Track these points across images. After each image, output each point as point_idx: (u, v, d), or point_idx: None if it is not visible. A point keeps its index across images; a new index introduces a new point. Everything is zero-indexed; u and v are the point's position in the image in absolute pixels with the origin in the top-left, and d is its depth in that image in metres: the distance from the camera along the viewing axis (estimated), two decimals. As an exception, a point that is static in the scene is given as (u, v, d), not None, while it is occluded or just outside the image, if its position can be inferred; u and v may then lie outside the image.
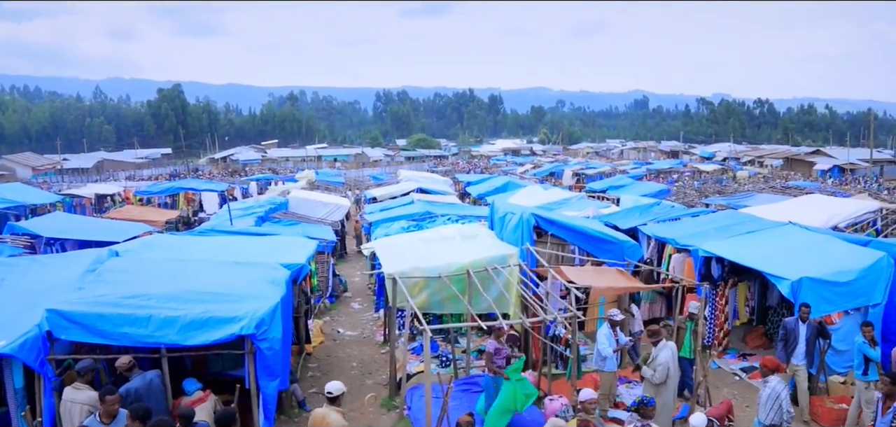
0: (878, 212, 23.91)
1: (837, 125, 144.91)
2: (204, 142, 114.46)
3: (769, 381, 9.13)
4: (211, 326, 8.87)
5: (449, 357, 13.70)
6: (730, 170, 69.20)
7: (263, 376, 9.24)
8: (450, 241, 14.61)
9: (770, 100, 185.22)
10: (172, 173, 71.15)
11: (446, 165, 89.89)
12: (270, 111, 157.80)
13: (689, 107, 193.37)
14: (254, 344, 9.03)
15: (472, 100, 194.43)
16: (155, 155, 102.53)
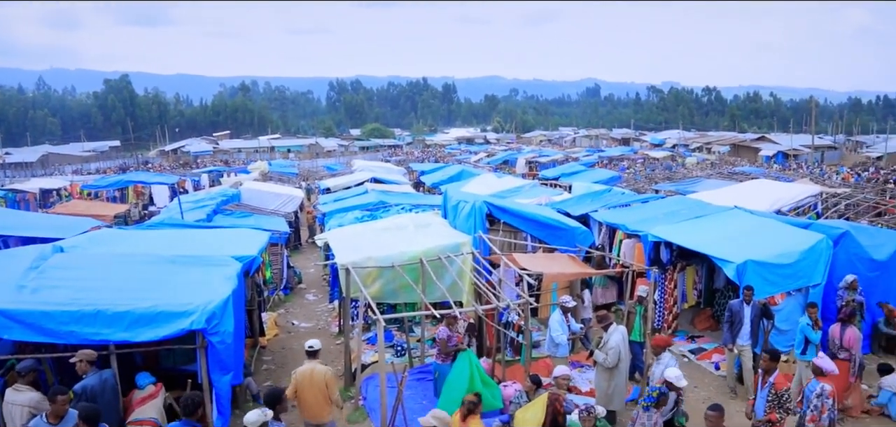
0: (818, 196, 24.72)
1: (781, 112, 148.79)
2: (154, 134, 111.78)
3: (662, 359, 9.29)
4: (160, 321, 8.71)
5: (404, 346, 13.78)
6: (679, 156, 70.63)
7: (216, 371, 9.15)
8: (403, 231, 14.63)
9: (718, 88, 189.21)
10: (121, 166, 69.32)
11: (401, 155, 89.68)
12: (222, 101, 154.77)
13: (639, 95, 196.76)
14: (205, 338, 8.92)
15: (427, 89, 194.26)
16: (103, 147, 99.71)
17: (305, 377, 9.01)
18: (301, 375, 9.05)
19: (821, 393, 8.56)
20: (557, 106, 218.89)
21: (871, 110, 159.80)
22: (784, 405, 8.35)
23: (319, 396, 9.04)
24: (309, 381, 9.00)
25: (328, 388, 9.05)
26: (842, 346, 11.16)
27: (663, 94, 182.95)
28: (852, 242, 13.44)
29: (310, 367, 9.09)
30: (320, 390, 9.01)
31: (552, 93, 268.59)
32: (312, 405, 9.09)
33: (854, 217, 23.04)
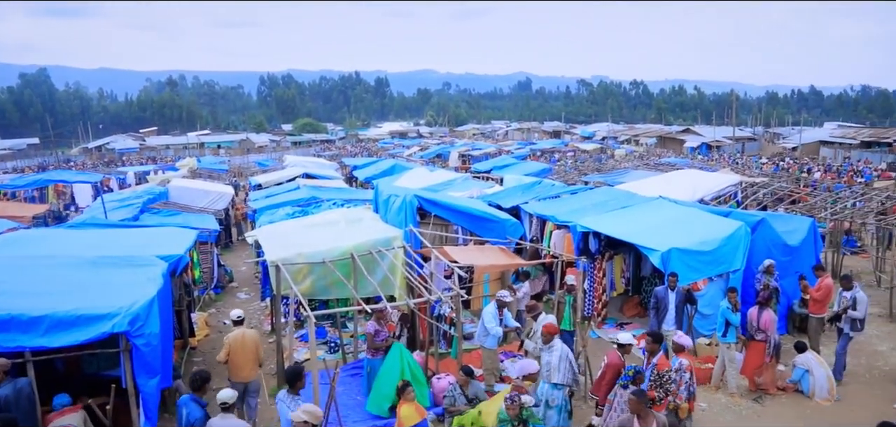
0: (738, 185, 25.72)
1: (705, 105, 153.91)
2: (75, 130, 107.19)
3: (554, 346, 9.53)
4: (81, 325, 8.39)
5: (337, 342, 13.71)
6: (608, 148, 72.19)
7: (141, 374, 8.87)
8: (334, 226, 14.53)
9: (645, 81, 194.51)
10: (40, 165, 66.21)
11: (334, 150, 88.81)
12: (148, 97, 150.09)
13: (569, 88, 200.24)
14: (129, 341, 8.64)
15: (359, 83, 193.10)
16: (20, 145, 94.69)
17: (237, 341, 10.06)
18: (233, 339, 10.07)
19: (679, 368, 9.13)
20: (490, 100, 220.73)
21: (787, 103, 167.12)
22: (664, 385, 8.81)
23: (250, 357, 10.10)
24: (241, 344, 10.06)
25: (257, 350, 10.19)
26: (759, 327, 11.70)
27: (593, 88, 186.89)
28: (768, 229, 14.10)
29: (240, 332, 10.21)
30: (251, 352, 10.11)
31: (484, 86, 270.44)
32: (243, 366, 10.05)
33: (772, 205, 24.07)
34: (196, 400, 8.22)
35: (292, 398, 8.33)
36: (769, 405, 11.56)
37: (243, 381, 10.05)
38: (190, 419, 8.00)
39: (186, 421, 8.05)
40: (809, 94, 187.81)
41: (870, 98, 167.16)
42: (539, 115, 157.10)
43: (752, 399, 11.68)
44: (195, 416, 8.03)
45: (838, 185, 31.78)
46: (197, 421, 8.00)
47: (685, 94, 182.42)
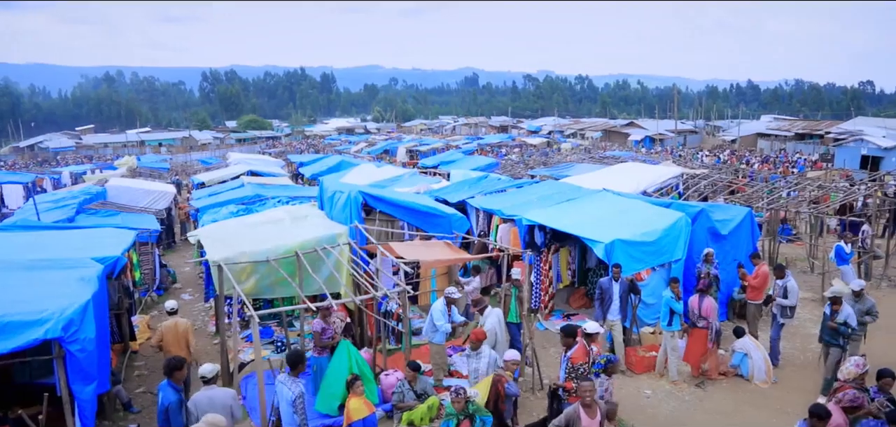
0: (680, 176, 26.31)
1: (648, 99, 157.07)
2: (5, 128, 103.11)
3: (482, 353, 9.51)
4: (10, 333, 7.98)
5: (284, 342, 13.51)
6: (555, 142, 73.08)
7: (77, 381, 8.54)
8: (279, 224, 14.30)
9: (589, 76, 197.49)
10: (-34, 165, 63.51)
11: (279, 147, 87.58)
12: (84, 93, 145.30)
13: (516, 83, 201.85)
14: (63, 347, 8.33)
15: (305, 79, 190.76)
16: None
17: (170, 329, 11.12)
18: (166, 328, 11.13)
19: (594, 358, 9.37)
20: (437, 95, 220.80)
21: (726, 97, 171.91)
22: (581, 376, 8.91)
23: (181, 343, 11.06)
24: (173, 332, 11.09)
25: (187, 337, 11.17)
26: (700, 315, 11.98)
27: (539, 83, 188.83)
28: (707, 219, 14.47)
29: (173, 321, 11.28)
30: (183, 338, 11.12)
31: (432, 82, 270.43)
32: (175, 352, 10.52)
33: (712, 196, 24.72)
34: (171, 385, 8.31)
35: (293, 380, 8.54)
36: (711, 390, 11.84)
37: None
38: (163, 403, 8.17)
39: (160, 404, 8.23)
40: (747, 89, 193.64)
41: (803, 92, 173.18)
42: (486, 110, 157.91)
43: (695, 384, 11.95)
44: (170, 400, 8.18)
45: (774, 176, 32.85)
46: (171, 404, 8.17)
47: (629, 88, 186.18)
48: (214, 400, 8.31)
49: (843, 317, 11.04)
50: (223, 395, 8.52)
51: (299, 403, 8.34)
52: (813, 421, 7.24)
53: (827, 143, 57.34)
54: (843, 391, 8.19)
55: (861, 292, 11.63)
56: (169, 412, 8.17)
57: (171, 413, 8.17)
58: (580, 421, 7.64)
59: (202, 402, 8.23)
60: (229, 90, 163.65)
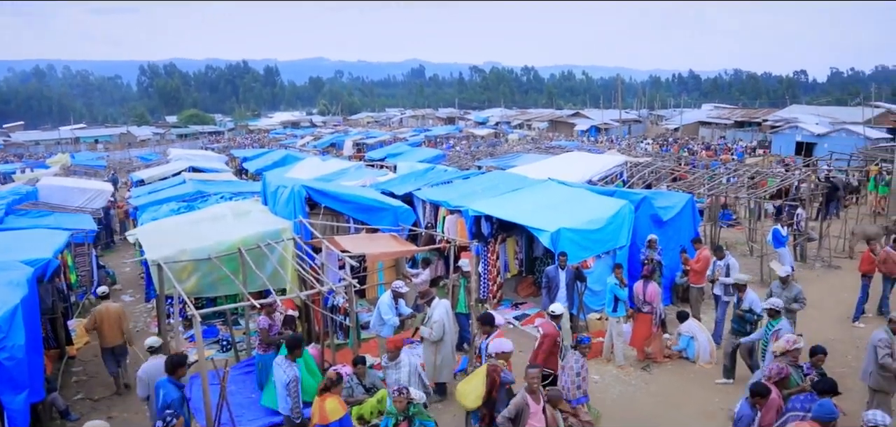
0: (624, 165, 26.71)
1: (593, 90, 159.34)
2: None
3: (401, 363, 9.39)
4: (-69, 341, 7.65)
5: (229, 340, 13.24)
6: (502, 133, 73.43)
7: (6, 391, 8.16)
8: (221, 220, 13.96)
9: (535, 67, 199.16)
10: None
11: (223, 141, 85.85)
12: (11, 88, 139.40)
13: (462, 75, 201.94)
14: (-10, 355, 7.97)
15: (248, 72, 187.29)
16: None
17: (102, 312, 11.60)
18: (98, 312, 11.63)
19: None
20: (383, 87, 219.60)
21: (669, 87, 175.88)
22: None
23: (115, 326, 11.61)
24: (106, 314, 11.58)
25: (121, 320, 11.74)
26: (645, 300, 12.20)
27: (485, 74, 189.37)
28: (650, 206, 14.73)
29: (104, 306, 11.77)
30: (115, 321, 11.63)
31: (378, 74, 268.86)
32: (108, 334, 11.59)
33: (656, 183, 25.16)
34: (172, 381, 8.27)
35: (289, 364, 8.87)
36: (656, 372, 12.06)
37: (111, 345, 11.64)
38: (166, 400, 8.07)
39: (162, 401, 8.12)
40: (689, 78, 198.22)
41: (741, 81, 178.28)
42: (433, 101, 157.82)
43: (641, 368, 12.15)
44: (172, 397, 8.10)
45: (714, 163, 33.66)
46: (174, 401, 8.04)
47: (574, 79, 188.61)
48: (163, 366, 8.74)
49: (747, 303, 11.30)
50: None
51: (293, 387, 8.71)
52: (755, 399, 7.57)
53: (764, 130, 59.16)
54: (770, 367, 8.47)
55: (787, 279, 11.78)
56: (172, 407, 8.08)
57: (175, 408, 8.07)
58: (528, 408, 7.70)
59: (152, 370, 9.08)
60: (169, 84, 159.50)
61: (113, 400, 11.73)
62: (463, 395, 8.85)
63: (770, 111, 73.91)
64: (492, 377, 8.65)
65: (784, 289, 11.67)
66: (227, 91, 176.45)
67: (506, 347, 9.20)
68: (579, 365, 9.32)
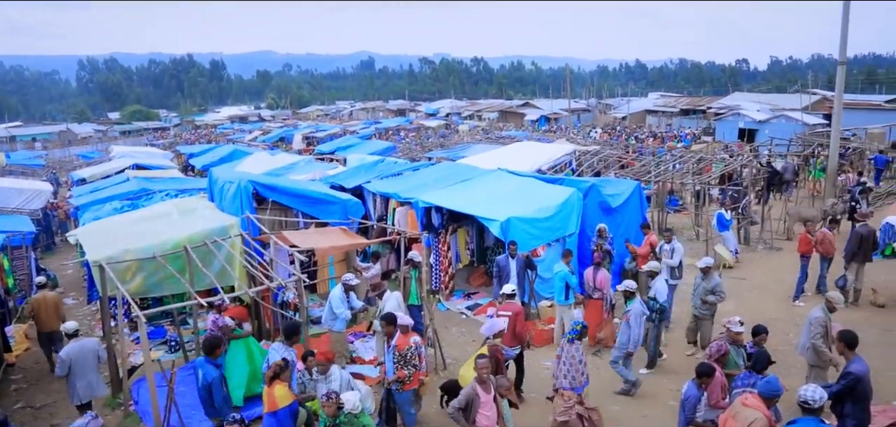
0: (573, 153, 27.06)
1: (542, 80, 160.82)
2: None
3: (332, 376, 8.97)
4: None
5: (177, 340, 12.96)
6: (452, 124, 73.55)
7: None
8: (166, 218, 13.64)
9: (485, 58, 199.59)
10: None
11: (168, 138, 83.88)
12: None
13: (412, 66, 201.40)
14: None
15: (193, 66, 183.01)
16: None
17: (39, 300, 12.34)
18: (35, 300, 12.39)
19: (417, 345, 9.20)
20: (333, 80, 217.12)
21: (616, 76, 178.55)
22: (409, 362, 8.92)
23: (52, 312, 12.29)
24: (43, 302, 12.28)
25: (58, 307, 12.49)
26: (595, 286, 12.37)
27: (435, 66, 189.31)
28: (598, 193, 14.94)
29: (42, 294, 12.49)
30: (53, 308, 12.35)
31: (327, 66, 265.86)
32: (46, 320, 12.28)
33: (604, 171, 25.55)
34: (210, 361, 8.87)
35: (286, 348, 9.19)
36: (607, 357, 12.22)
37: (47, 331, 12.32)
38: (205, 379, 8.73)
39: (202, 381, 8.76)
40: (635, 67, 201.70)
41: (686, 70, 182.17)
42: (383, 93, 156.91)
43: (593, 353, 12.31)
44: (212, 376, 8.76)
45: (661, 150, 34.33)
46: (214, 380, 8.75)
47: (523, 69, 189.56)
48: (84, 347, 9.98)
49: (653, 291, 11.59)
50: (91, 344, 10.21)
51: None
52: (701, 379, 7.79)
53: (709, 117, 60.58)
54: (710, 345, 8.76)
55: (708, 270, 11.83)
56: (212, 387, 8.74)
57: (214, 388, 8.76)
58: (478, 398, 7.73)
59: (74, 351, 9.80)
60: (110, 79, 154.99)
61: (56, 407, 11.36)
62: (466, 378, 9.01)
63: (714, 99, 75.65)
64: (495, 356, 8.83)
65: (704, 280, 11.79)
66: (172, 86, 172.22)
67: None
68: (580, 353, 9.39)
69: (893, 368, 10.81)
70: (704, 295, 11.64)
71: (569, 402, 8.99)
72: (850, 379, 7.57)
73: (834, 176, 23.71)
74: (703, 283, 11.76)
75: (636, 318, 10.58)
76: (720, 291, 11.72)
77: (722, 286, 11.87)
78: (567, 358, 9.29)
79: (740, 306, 14.56)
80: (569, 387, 9.17)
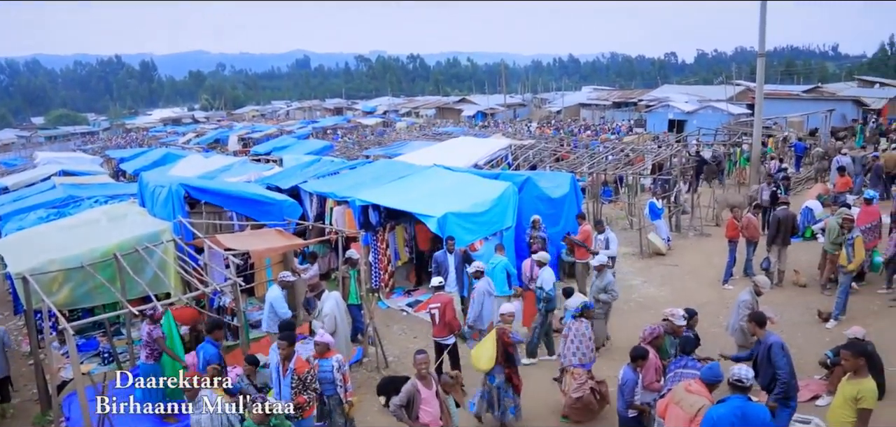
0: (509, 148, 27.40)
1: (478, 76, 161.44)
2: None
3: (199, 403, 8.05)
4: None
5: (110, 352, 12.59)
6: (390, 122, 73.40)
7: None
8: (94, 225, 13.22)
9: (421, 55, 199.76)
10: None
11: (98, 142, 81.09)
12: None
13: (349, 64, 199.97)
14: None
15: (122, 67, 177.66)
16: None
17: None
18: None
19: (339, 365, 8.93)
20: (268, 79, 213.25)
21: (551, 71, 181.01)
22: (309, 386, 8.32)
23: None
24: None
25: None
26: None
27: (372, 64, 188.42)
28: (533, 186, 15.19)
29: None
30: None
31: (261, 66, 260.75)
32: None
33: (540, 164, 25.95)
34: (211, 342, 9.33)
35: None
36: (546, 347, 12.48)
37: None
38: (206, 357, 9.07)
39: (204, 360, 9.05)
40: (569, 62, 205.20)
41: (618, 64, 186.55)
42: (320, 92, 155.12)
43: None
44: (210, 353, 9.15)
45: (594, 143, 35.06)
46: (212, 356, 9.10)
47: (460, 65, 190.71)
48: None
49: (539, 281, 11.93)
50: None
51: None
52: (635, 362, 8.08)
53: (640, 110, 62.07)
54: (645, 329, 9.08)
55: (602, 267, 11.90)
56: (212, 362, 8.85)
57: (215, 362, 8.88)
58: (419, 394, 7.79)
59: None
60: (33, 82, 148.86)
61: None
62: (477, 360, 9.29)
63: (644, 92, 77.55)
64: (502, 339, 9.14)
65: (597, 278, 11.96)
66: (100, 88, 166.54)
67: (508, 309, 9.76)
68: (589, 329, 9.78)
69: (816, 345, 11.30)
70: (597, 293, 11.75)
71: (580, 378, 9.37)
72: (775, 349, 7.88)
73: (758, 163, 24.67)
74: (596, 282, 11.87)
75: (480, 296, 11.18)
76: (612, 290, 11.78)
77: (614, 284, 11.95)
78: (575, 336, 9.64)
79: (673, 292, 15.06)
80: (578, 364, 9.40)
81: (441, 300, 10.64)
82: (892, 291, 13.52)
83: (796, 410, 8.28)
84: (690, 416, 6.75)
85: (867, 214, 14.30)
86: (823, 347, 10.74)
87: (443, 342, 10.75)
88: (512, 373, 9.37)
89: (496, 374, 9.19)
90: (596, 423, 9.67)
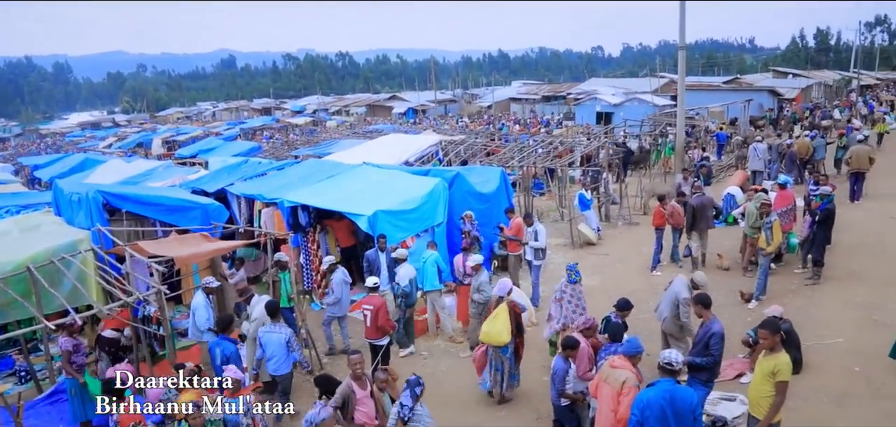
0: (439, 144, 27.41)
1: (408, 72, 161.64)
2: None
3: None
4: None
5: (27, 370, 11.97)
6: (320, 121, 72.49)
7: None
8: (5, 237, 12.50)
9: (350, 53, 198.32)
10: None
11: (9, 148, 77.29)
12: None
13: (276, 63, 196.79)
14: None
15: (33, 69, 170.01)
16: None
17: None
18: None
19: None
20: (192, 80, 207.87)
21: (480, 66, 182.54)
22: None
23: None
24: None
25: None
26: (466, 272, 12.59)
27: (300, 62, 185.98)
28: (463, 182, 15.23)
29: None
30: None
31: (185, 66, 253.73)
32: None
33: (471, 159, 26.04)
34: (226, 339, 9.45)
35: (280, 325, 9.78)
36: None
37: None
38: (225, 354, 9.19)
39: (222, 357, 9.15)
40: (498, 57, 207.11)
41: (546, 58, 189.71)
42: (247, 92, 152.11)
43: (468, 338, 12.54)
44: (230, 351, 9.28)
45: (524, 136, 35.44)
46: (232, 353, 9.25)
47: (389, 62, 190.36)
48: None
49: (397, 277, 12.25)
50: None
51: (293, 341, 9.73)
52: (566, 352, 8.23)
53: (569, 103, 63.10)
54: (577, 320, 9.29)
55: (477, 267, 11.70)
56: (231, 362, 8.89)
57: (234, 362, 8.95)
58: (354, 394, 7.70)
59: None
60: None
61: None
62: (491, 335, 9.56)
63: (573, 85, 78.99)
64: (514, 311, 9.78)
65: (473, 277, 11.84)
66: (10, 92, 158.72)
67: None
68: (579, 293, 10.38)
69: (739, 325, 11.73)
70: (473, 292, 11.72)
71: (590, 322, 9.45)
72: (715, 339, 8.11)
73: (682, 152, 25.40)
74: (473, 280, 11.77)
75: (337, 286, 12.01)
76: (484, 289, 11.56)
77: (486, 283, 11.71)
78: (574, 296, 10.30)
79: (605, 280, 15.34)
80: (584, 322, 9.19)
81: (374, 303, 10.63)
82: (807, 271, 14.16)
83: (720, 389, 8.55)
84: (617, 390, 7.07)
85: (783, 199, 14.99)
86: (746, 327, 11.20)
87: (376, 344, 10.68)
88: (520, 342, 10.04)
89: (509, 345, 9.64)
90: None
